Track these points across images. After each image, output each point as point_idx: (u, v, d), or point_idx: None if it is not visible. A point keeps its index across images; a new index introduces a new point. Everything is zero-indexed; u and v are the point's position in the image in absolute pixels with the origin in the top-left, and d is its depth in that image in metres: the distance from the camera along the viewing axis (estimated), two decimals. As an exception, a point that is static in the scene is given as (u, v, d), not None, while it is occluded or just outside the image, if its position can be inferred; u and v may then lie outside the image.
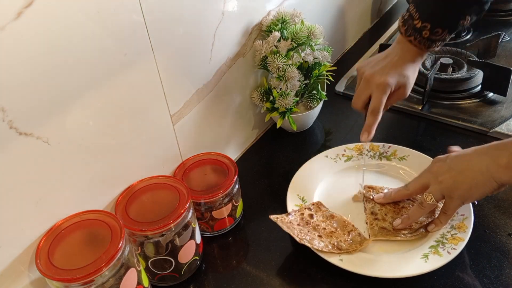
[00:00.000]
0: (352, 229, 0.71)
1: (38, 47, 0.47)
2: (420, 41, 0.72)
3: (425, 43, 0.72)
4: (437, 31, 0.70)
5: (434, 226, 0.69)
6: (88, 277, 0.52)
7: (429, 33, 0.71)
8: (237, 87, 0.84)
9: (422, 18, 0.71)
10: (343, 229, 0.71)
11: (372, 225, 0.71)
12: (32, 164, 0.51)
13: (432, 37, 0.71)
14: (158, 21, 0.61)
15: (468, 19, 0.70)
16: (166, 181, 0.68)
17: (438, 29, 0.70)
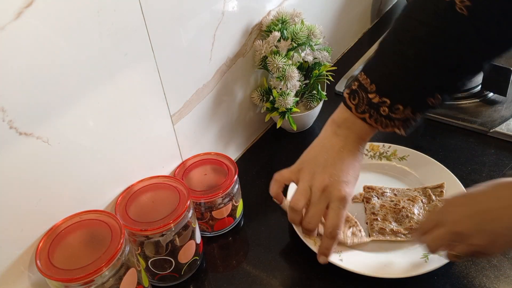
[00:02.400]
0: (354, 224, 0.71)
1: (38, 47, 0.47)
2: (377, 119, 0.60)
3: (382, 123, 0.60)
4: (397, 108, 0.58)
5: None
6: (88, 277, 0.52)
7: (388, 110, 0.59)
8: (237, 87, 0.84)
9: (380, 93, 0.59)
10: (345, 223, 0.70)
11: (372, 225, 0.71)
12: (32, 164, 0.51)
13: (392, 115, 0.59)
14: (158, 21, 0.61)
15: (438, 99, 0.58)
16: (166, 181, 0.68)
17: (398, 106, 0.58)
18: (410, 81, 0.59)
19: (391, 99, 0.58)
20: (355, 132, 0.63)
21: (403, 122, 0.60)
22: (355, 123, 0.63)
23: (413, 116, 0.60)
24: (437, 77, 0.58)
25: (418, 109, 0.60)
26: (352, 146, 0.63)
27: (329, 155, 0.63)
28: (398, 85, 0.59)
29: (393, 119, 0.60)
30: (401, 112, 0.59)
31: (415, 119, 0.61)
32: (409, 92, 0.59)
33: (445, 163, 0.79)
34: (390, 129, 0.61)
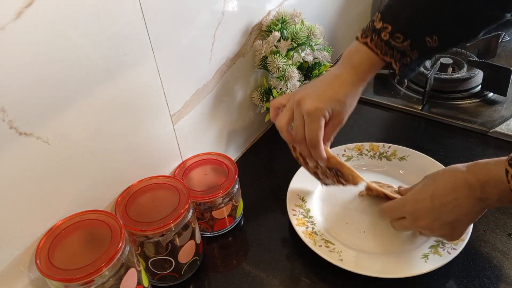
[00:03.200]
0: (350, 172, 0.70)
1: (38, 47, 0.47)
2: (377, 43, 0.62)
3: (381, 48, 0.62)
4: (397, 36, 0.61)
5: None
6: (88, 277, 0.52)
7: (388, 36, 0.61)
8: (237, 87, 0.84)
9: (384, 19, 0.62)
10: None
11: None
12: (32, 164, 0.51)
13: (392, 42, 0.61)
14: (158, 21, 0.61)
15: (435, 40, 0.61)
16: (166, 181, 0.68)
17: (398, 35, 0.61)
18: (413, 13, 0.61)
19: (393, 26, 0.61)
20: (355, 62, 0.64)
21: (401, 55, 0.62)
22: (358, 52, 0.64)
23: (410, 52, 0.62)
24: (439, 16, 0.60)
25: (416, 45, 0.61)
26: (348, 74, 0.64)
27: (321, 80, 0.65)
28: (400, 14, 0.62)
29: (393, 47, 0.61)
30: (400, 42, 0.61)
31: (411, 58, 0.62)
32: (410, 23, 0.61)
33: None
34: (388, 59, 0.62)
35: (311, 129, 0.62)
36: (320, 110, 0.61)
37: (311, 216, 0.75)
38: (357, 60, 0.64)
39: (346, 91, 0.63)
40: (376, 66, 0.64)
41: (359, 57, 0.64)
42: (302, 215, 0.75)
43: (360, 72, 0.64)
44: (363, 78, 0.64)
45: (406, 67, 0.64)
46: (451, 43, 0.65)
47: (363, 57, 0.64)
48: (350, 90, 0.63)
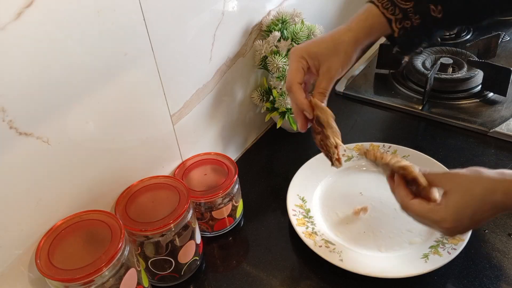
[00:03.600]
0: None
1: (38, 47, 0.47)
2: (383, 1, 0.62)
3: (386, 4, 0.62)
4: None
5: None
6: (88, 277, 0.52)
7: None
8: (237, 87, 0.84)
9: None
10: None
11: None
12: (32, 164, 0.51)
13: (397, 1, 0.61)
14: (158, 21, 0.61)
15: (440, 11, 0.60)
16: (166, 181, 0.68)
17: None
18: None
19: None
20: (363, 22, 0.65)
21: (402, 15, 0.61)
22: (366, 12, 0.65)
23: (412, 16, 0.61)
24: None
25: (419, 9, 0.60)
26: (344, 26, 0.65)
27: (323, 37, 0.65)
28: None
29: (395, 4, 0.61)
30: (404, 2, 0.61)
31: (412, 22, 0.61)
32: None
33: (445, 163, 0.79)
34: (389, 14, 0.62)
35: (287, 71, 0.63)
36: (294, 53, 0.63)
37: (311, 216, 0.75)
38: (358, 13, 0.65)
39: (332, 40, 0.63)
40: (376, 22, 0.64)
41: (361, 11, 0.65)
42: (302, 215, 0.75)
43: (356, 23, 0.64)
44: (358, 30, 0.64)
45: (406, 35, 0.62)
46: (454, 19, 0.63)
47: (365, 9, 0.64)
48: (338, 40, 0.63)
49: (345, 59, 0.63)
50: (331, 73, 0.63)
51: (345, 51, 0.63)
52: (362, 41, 0.64)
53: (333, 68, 0.63)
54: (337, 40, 0.63)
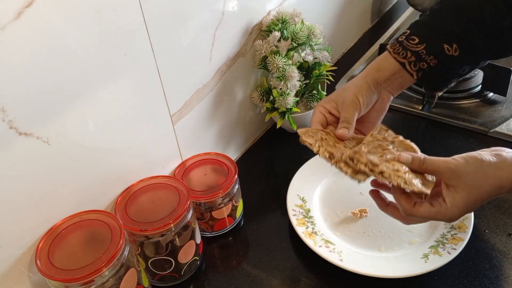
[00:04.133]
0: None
1: (38, 47, 0.47)
2: (393, 44, 0.64)
3: (395, 46, 0.63)
4: (412, 38, 0.62)
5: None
6: (88, 277, 0.52)
7: (404, 38, 0.63)
8: (237, 87, 0.84)
9: (409, 27, 0.64)
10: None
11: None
12: (32, 164, 0.51)
13: (405, 43, 0.62)
14: (158, 21, 0.61)
15: (456, 50, 0.60)
16: (166, 181, 0.68)
17: (414, 37, 0.62)
18: (430, 20, 0.62)
19: (411, 29, 0.63)
20: (371, 64, 0.66)
21: (416, 58, 0.62)
22: (378, 58, 0.66)
23: (426, 57, 0.62)
24: (456, 23, 0.60)
25: (432, 50, 0.61)
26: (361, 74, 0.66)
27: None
28: (419, 21, 0.63)
29: (406, 48, 0.62)
30: (415, 45, 0.62)
31: (429, 63, 0.62)
32: (426, 28, 0.62)
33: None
34: (400, 58, 0.63)
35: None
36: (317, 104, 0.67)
37: (311, 216, 0.75)
38: (376, 60, 0.66)
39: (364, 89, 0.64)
40: (386, 63, 0.65)
41: (379, 58, 0.66)
42: (302, 215, 0.75)
43: (371, 70, 0.65)
44: (368, 68, 0.66)
45: (426, 76, 0.63)
46: (477, 55, 0.62)
47: (381, 57, 0.66)
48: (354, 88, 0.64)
49: (356, 89, 0.65)
50: (345, 104, 0.65)
51: (354, 85, 0.65)
52: (373, 75, 0.65)
53: (346, 100, 0.64)
54: (346, 84, 0.67)
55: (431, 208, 0.56)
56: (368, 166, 0.55)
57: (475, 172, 0.55)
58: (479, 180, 0.55)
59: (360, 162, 0.56)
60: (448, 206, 0.55)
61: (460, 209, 0.55)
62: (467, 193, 0.55)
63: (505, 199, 0.76)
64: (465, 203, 0.55)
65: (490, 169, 0.55)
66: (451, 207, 0.55)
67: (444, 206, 0.56)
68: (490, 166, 0.55)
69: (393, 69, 0.64)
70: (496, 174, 0.55)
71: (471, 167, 0.56)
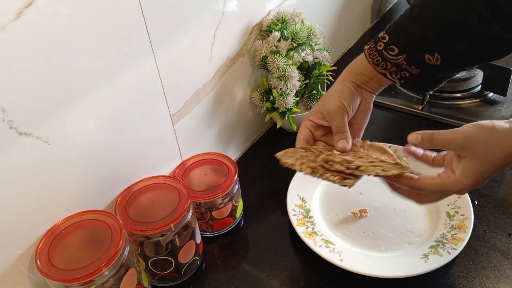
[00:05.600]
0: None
1: (38, 47, 0.47)
2: (371, 52, 0.61)
3: (374, 56, 0.61)
4: (392, 48, 0.59)
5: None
6: (88, 277, 0.52)
7: (383, 46, 0.60)
8: (237, 87, 0.84)
9: (386, 29, 0.61)
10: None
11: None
12: (32, 164, 0.51)
13: (384, 54, 0.59)
14: (158, 21, 0.61)
15: (437, 59, 0.57)
16: (166, 181, 0.68)
17: (393, 47, 0.59)
18: (410, 27, 0.59)
19: (390, 36, 0.60)
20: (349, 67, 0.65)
21: (397, 68, 0.60)
22: (356, 58, 0.65)
23: (407, 67, 0.59)
24: (437, 32, 0.57)
25: (413, 60, 0.58)
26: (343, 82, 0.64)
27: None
28: (398, 26, 0.60)
29: (386, 59, 0.60)
30: (394, 55, 0.59)
31: (411, 72, 0.60)
32: (406, 37, 0.59)
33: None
34: (380, 70, 0.61)
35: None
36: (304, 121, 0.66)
37: (311, 216, 0.75)
38: (353, 64, 0.65)
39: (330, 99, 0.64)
40: (370, 72, 0.63)
41: (355, 61, 0.65)
42: (302, 215, 0.75)
43: (349, 73, 0.64)
44: (349, 76, 0.64)
45: (409, 83, 0.61)
46: (461, 63, 0.60)
47: (357, 60, 0.64)
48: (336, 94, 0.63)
49: (338, 94, 0.63)
50: (332, 112, 0.63)
51: (335, 90, 0.64)
52: (351, 77, 0.64)
53: (331, 108, 0.63)
54: (327, 93, 0.65)
55: (436, 179, 0.54)
56: (344, 164, 0.55)
57: (485, 139, 0.53)
58: (490, 147, 0.52)
59: (335, 162, 0.56)
60: (457, 177, 0.53)
61: (470, 179, 0.53)
62: (478, 161, 0.53)
63: (505, 199, 0.76)
64: (476, 173, 0.53)
65: (502, 135, 0.52)
66: (460, 178, 0.53)
67: (452, 177, 0.54)
68: (503, 132, 0.52)
69: (371, 74, 0.63)
70: (509, 140, 0.52)
71: (481, 135, 0.53)
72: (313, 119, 0.65)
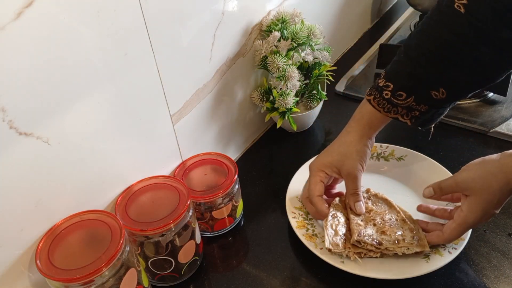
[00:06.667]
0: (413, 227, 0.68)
1: (38, 47, 0.47)
2: (380, 102, 0.64)
3: (384, 105, 0.64)
4: (400, 94, 0.63)
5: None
6: (88, 277, 0.52)
7: (390, 94, 0.63)
8: (237, 87, 0.84)
9: (386, 77, 0.64)
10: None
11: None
12: (32, 164, 0.51)
13: (394, 101, 0.63)
14: (158, 21, 0.61)
15: (443, 93, 0.62)
16: (166, 181, 0.68)
17: (401, 92, 0.63)
18: (412, 71, 0.62)
19: (394, 84, 0.63)
20: (361, 120, 0.68)
21: (407, 110, 0.63)
22: (363, 110, 0.68)
23: (417, 107, 0.63)
24: (438, 70, 0.61)
25: (421, 99, 0.62)
26: (351, 133, 0.68)
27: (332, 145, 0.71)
28: (402, 71, 0.63)
29: (396, 105, 0.63)
30: (403, 100, 0.63)
31: (420, 110, 0.64)
32: (410, 80, 0.62)
33: (445, 163, 0.79)
34: (392, 115, 0.65)
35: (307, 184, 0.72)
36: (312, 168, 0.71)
37: (311, 219, 0.75)
38: (365, 118, 0.67)
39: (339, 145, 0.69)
40: (382, 121, 0.67)
41: (366, 114, 0.67)
42: (302, 218, 0.74)
43: (355, 122, 0.68)
44: (359, 128, 0.68)
45: (419, 121, 0.65)
46: (463, 92, 0.64)
47: (367, 113, 0.67)
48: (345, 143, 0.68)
49: (359, 156, 0.68)
50: (352, 175, 0.68)
51: (356, 150, 0.68)
52: (368, 135, 0.68)
53: (352, 170, 0.68)
54: (344, 144, 0.68)
55: (453, 222, 0.62)
56: (374, 246, 0.66)
57: (481, 176, 0.59)
58: (486, 181, 0.58)
59: (367, 244, 0.66)
60: (465, 213, 0.60)
61: (477, 213, 0.59)
62: (479, 196, 0.59)
63: (505, 199, 0.76)
64: (480, 207, 0.59)
65: (494, 167, 0.58)
66: (467, 213, 0.60)
67: (462, 214, 0.61)
68: (494, 165, 0.58)
69: (383, 122, 0.67)
70: (502, 170, 0.57)
71: (476, 172, 0.60)
72: (327, 171, 0.69)
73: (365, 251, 0.66)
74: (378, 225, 0.69)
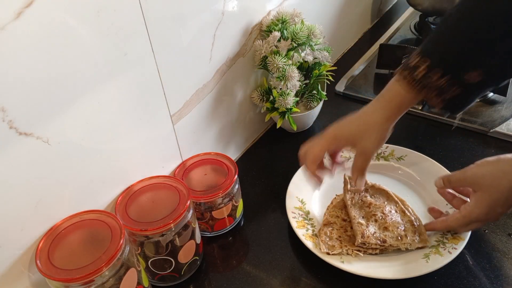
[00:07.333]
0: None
1: (38, 47, 0.47)
2: (410, 81, 0.59)
3: (415, 85, 0.58)
4: (436, 71, 0.56)
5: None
6: (88, 277, 0.52)
7: (424, 73, 0.57)
8: (237, 87, 0.84)
9: (424, 53, 0.58)
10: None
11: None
12: (32, 164, 0.51)
13: (425, 81, 0.57)
14: (158, 21, 0.61)
15: (479, 75, 0.55)
16: (166, 181, 0.68)
17: (437, 69, 0.56)
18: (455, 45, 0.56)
19: (432, 59, 0.57)
20: (390, 102, 0.63)
21: (438, 92, 0.58)
22: (391, 92, 0.62)
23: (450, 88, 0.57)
24: (479, 48, 0.55)
25: (456, 80, 0.56)
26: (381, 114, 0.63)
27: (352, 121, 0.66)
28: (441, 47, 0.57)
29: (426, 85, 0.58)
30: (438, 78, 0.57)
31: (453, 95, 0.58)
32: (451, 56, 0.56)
33: (445, 163, 0.79)
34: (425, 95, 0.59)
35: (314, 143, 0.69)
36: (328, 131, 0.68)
37: (311, 218, 0.75)
38: (384, 91, 0.63)
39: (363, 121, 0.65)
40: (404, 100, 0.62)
41: (392, 95, 0.62)
42: (301, 217, 0.74)
43: (386, 102, 0.63)
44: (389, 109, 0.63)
45: (449, 104, 0.59)
46: (503, 74, 0.58)
47: (391, 88, 0.62)
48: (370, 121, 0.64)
49: (379, 138, 0.65)
50: (367, 154, 0.66)
51: (378, 131, 0.64)
52: (394, 118, 0.64)
53: (368, 149, 0.65)
54: (368, 122, 0.64)
55: (459, 213, 0.64)
56: (378, 244, 0.67)
57: (491, 173, 0.59)
58: (497, 178, 0.58)
59: (370, 243, 0.67)
60: (471, 207, 0.61)
61: (482, 209, 0.60)
62: (487, 193, 0.59)
63: (505, 199, 0.76)
64: (486, 203, 0.60)
65: (508, 166, 0.58)
66: (473, 208, 0.61)
67: (468, 208, 0.62)
68: (508, 163, 0.58)
69: (412, 105, 0.62)
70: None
71: (487, 169, 0.60)
72: (340, 144, 0.67)
73: (365, 248, 0.68)
74: (380, 221, 0.70)
